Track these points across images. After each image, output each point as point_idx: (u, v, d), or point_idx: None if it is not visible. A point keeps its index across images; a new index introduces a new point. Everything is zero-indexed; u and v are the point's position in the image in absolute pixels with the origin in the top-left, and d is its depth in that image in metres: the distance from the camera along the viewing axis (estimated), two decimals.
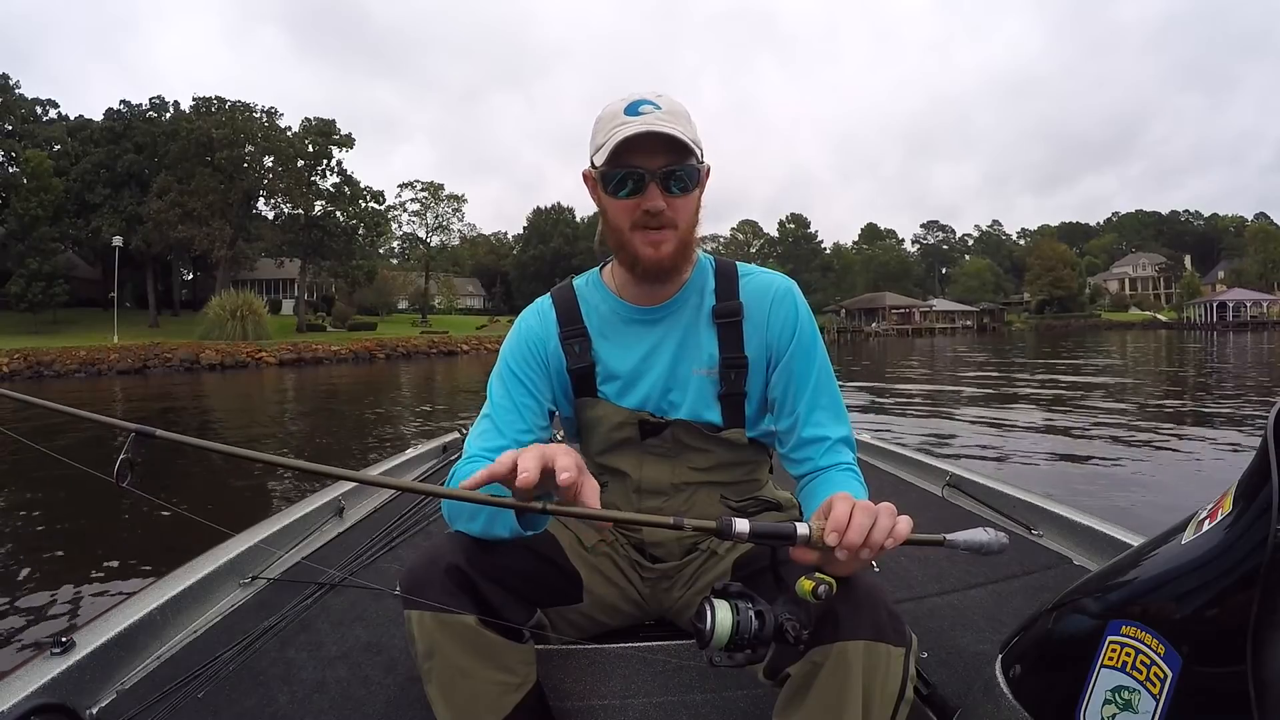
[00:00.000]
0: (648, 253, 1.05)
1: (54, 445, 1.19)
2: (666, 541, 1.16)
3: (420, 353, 31.73)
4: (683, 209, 1.05)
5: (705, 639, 0.74)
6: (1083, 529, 1.83)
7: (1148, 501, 4.67)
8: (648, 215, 1.02)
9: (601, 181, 1.05)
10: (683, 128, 1.01)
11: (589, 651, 1.35)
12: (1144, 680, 0.71)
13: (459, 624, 0.89)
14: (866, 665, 0.82)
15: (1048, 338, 43.64)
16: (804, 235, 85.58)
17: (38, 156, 34.64)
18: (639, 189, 1.02)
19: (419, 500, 2.38)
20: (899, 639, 0.85)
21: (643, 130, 0.98)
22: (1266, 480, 0.64)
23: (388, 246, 61.66)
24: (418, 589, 0.90)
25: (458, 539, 0.97)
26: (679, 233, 1.05)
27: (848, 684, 0.81)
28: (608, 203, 1.06)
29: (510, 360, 1.14)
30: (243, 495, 5.48)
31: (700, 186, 1.08)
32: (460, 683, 0.91)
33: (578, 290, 1.20)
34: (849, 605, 0.84)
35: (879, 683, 0.82)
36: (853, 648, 0.82)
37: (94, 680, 1.26)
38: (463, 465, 1.04)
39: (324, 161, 40.77)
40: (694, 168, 1.03)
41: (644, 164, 1.01)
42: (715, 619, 0.74)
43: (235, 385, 17.14)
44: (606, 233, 1.10)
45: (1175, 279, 77.54)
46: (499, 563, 0.95)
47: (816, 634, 0.82)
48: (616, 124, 1.01)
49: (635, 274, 1.09)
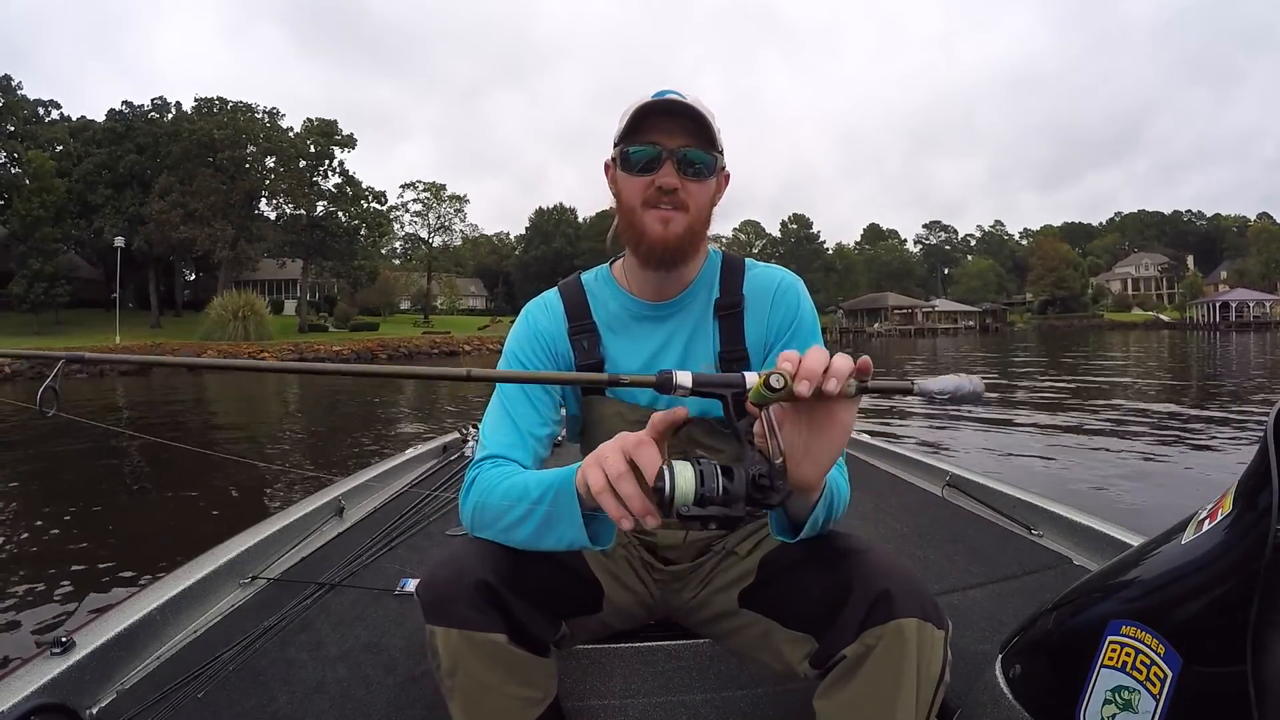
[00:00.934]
0: (655, 230, 1.03)
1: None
2: (680, 544, 1.15)
3: (422, 353, 31.77)
4: (696, 194, 1.03)
5: (666, 499, 0.68)
6: (1083, 529, 1.83)
7: (1148, 501, 4.66)
8: (660, 192, 1.01)
9: (619, 160, 1.04)
10: (706, 114, 1.01)
11: (589, 651, 1.35)
12: (1144, 680, 0.71)
13: (487, 641, 0.87)
14: (919, 643, 0.82)
15: (1050, 338, 43.58)
16: (806, 235, 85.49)
17: (40, 157, 34.73)
18: (654, 165, 1.01)
19: (419, 500, 2.39)
20: (940, 622, 0.85)
21: (664, 102, 0.99)
22: (1266, 480, 0.64)
23: (390, 247, 61.78)
24: (443, 604, 0.87)
25: (483, 550, 0.92)
26: (689, 216, 1.04)
27: (904, 661, 0.81)
28: (623, 182, 1.05)
29: (519, 353, 1.12)
30: (243, 495, 5.48)
31: (718, 180, 1.07)
32: (484, 698, 0.89)
33: (586, 285, 1.17)
34: (899, 586, 0.84)
35: (926, 663, 0.82)
36: (908, 625, 0.81)
37: (94, 680, 1.26)
38: (490, 469, 0.99)
39: (326, 162, 40.90)
40: (712, 156, 1.03)
41: (662, 141, 1.00)
42: (674, 475, 0.69)
43: (237, 385, 17.15)
44: (619, 215, 1.08)
45: (1178, 279, 77.54)
46: (526, 576, 0.92)
47: (869, 616, 0.83)
48: (641, 101, 1.01)
49: (640, 255, 1.07)
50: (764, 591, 1.03)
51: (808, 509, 0.86)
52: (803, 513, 0.87)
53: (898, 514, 2.25)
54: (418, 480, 2.73)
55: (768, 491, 0.70)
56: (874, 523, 2.19)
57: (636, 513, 0.73)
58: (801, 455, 0.78)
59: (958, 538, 1.99)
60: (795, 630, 0.95)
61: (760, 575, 1.05)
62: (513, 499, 0.89)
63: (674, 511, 0.68)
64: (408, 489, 2.60)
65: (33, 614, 3.13)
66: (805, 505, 0.86)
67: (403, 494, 2.54)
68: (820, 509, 0.87)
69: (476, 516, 0.95)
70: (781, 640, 0.97)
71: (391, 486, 2.64)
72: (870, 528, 2.14)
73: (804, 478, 0.79)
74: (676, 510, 0.68)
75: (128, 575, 3.58)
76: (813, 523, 0.87)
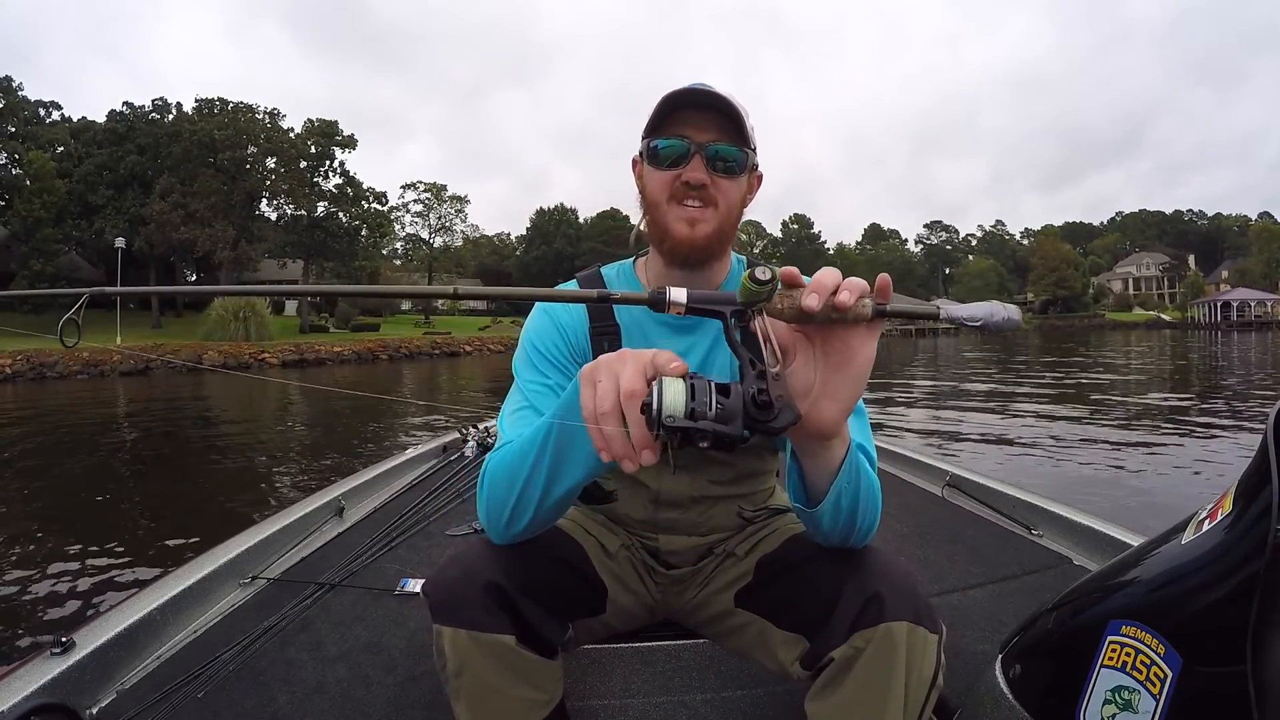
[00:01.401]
0: (680, 229, 0.98)
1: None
2: (683, 549, 1.14)
3: (423, 354, 31.73)
4: (727, 191, 0.99)
5: (654, 412, 0.62)
6: (1083, 529, 1.83)
7: (1148, 501, 4.66)
8: (687, 188, 0.97)
9: (646, 155, 1.00)
10: (740, 111, 0.97)
11: (589, 651, 1.35)
12: (1144, 680, 0.71)
13: (496, 643, 0.86)
14: (909, 647, 0.81)
15: (1052, 338, 43.53)
16: (807, 236, 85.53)
17: (40, 158, 34.72)
18: (682, 159, 0.97)
19: (419, 500, 2.39)
20: (934, 626, 0.83)
21: (694, 92, 0.95)
22: (1266, 480, 0.64)
23: (391, 247, 61.71)
24: (452, 604, 0.86)
25: (492, 550, 0.91)
26: (719, 214, 0.99)
27: (894, 664, 0.80)
28: (649, 176, 1.00)
29: (537, 342, 1.06)
30: (243, 495, 5.49)
31: (749, 178, 1.03)
32: (491, 700, 0.88)
33: (608, 280, 1.13)
34: (892, 588, 0.82)
35: (918, 667, 0.81)
36: (898, 628, 0.80)
37: (94, 680, 1.26)
38: (497, 452, 0.94)
39: (327, 162, 40.85)
40: (744, 153, 0.98)
41: (691, 135, 0.97)
42: (662, 388, 0.63)
43: (238, 386, 17.15)
44: (645, 211, 1.05)
45: (1179, 279, 77.51)
46: (535, 577, 0.91)
47: (859, 619, 0.81)
48: (669, 94, 0.97)
49: (665, 252, 1.03)
50: (760, 591, 1.03)
51: (830, 472, 0.79)
52: (824, 478, 0.80)
53: (898, 514, 2.25)
54: (418, 480, 2.72)
55: (768, 410, 0.64)
56: None
57: (617, 456, 0.67)
58: (819, 392, 0.72)
59: (958, 538, 1.99)
60: (787, 631, 0.95)
61: (757, 575, 1.04)
62: (518, 456, 0.85)
63: (660, 426, 0.62)
64: (408, 489, 2.60)
65: (33, 614, 3.13)
66: (828, 466, 0.79)
67: (403, 494, 2.54)
68: (844, 478, 0.79)
69: (490, 500, 0.89)
70: (775, 641, 0.97)
71: (391, 486, 2.64)
72: None
73: (822, 419, 0.72)
74: (662, 422, 0.62)
75: (128, 575, 3.58)
76: (834, 497, 0.80)
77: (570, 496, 0.87)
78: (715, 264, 1.06)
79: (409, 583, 1.73)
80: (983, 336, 50.57)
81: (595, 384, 0.68)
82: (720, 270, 1.09)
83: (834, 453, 0.78)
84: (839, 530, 0.85)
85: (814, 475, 0.81)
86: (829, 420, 0.73)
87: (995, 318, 0.67)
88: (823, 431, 0.74)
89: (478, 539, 0.95)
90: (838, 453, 0.78)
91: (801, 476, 0.84)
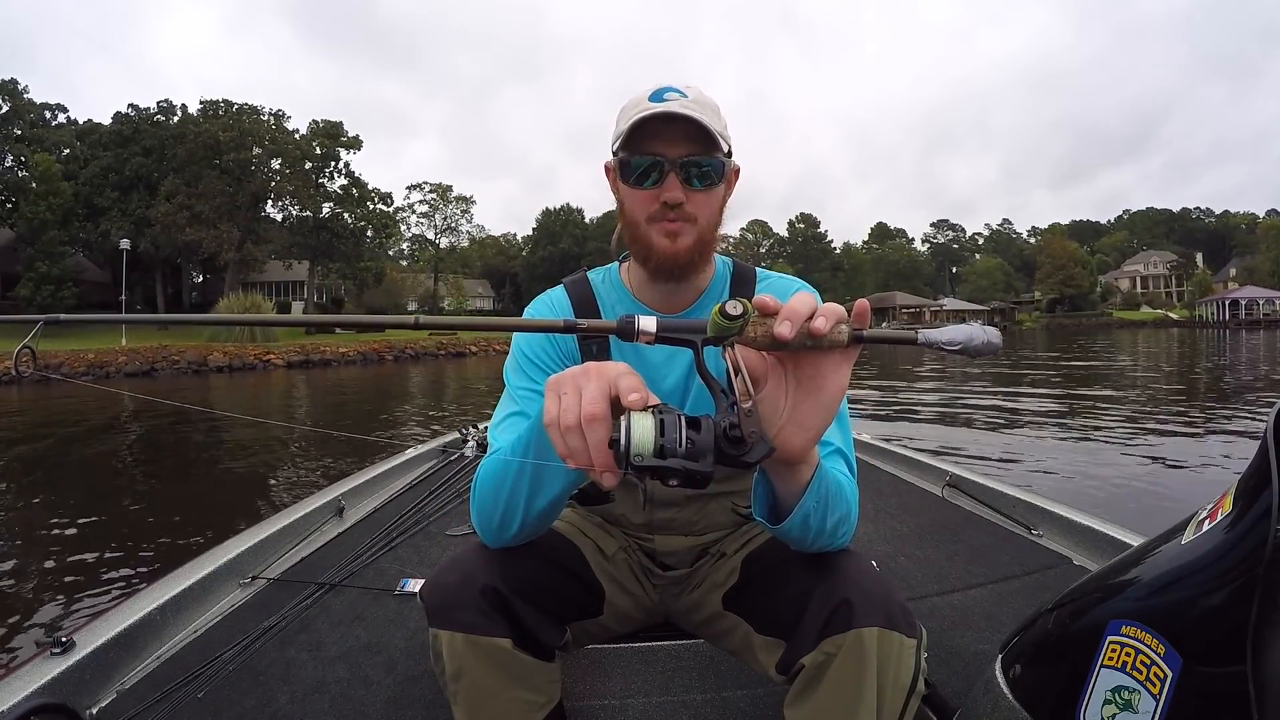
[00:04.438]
0: (662, 244, 0.98)
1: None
2: (679, 550, 1.14)
3: (429, 354, 31.82)
4: (704, 204, 0.99)
5: (621, 449, 0.60)
6: (1083, 529, 1.82)
7: (1148, 502, 4.64)
8: (665, 208, 0.96)
9: (619, 170, 0.99)
10: (709, 118, 0.94)
11: (589, 652, 1.34)
12: (1144, 680, 0.70)
13: (493, 646, 0.86)
14: (881, 653, 0.79)
15: (1059, 337, 43.38)
16: (814, 235, 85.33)
17: (46, 160, 34.94)
18: (658, 179, 0.96)
19: (419, 500, 2.39)
20: (910, 630, 0.82)
21: (662, 112, 0.93)
22: (1266, 480, 0.64)
23: (396, 248, 62.07)
24: (448, 608, 0.86)
25: (488, 553, 0.91)
26: (698, 229, 0.99)
27: (863, 671, 0.79)
28: (625, 193, 1.00)
29: (527, 349, 1.06)
30: (243, 495, 5.50)
31: (726, 184, 1.02)
32: (488, 703, 0.88)
33: (595, 286, 1.13)
34: (861, 594, 0.81)
35: (892, 672, 0.80)
36: (868, 634, 0.79)
37: (94, 680, 1.26)
38: (487, 460, 0.94)
39: (332, 163, 41.05)
40: (718, 161, 0.97)
41: (664, 152, 0.95)
42: (630, 424, 0.61)
43: (243, 387, 17.22)
44: (622, 225, 1.04)
45: (1187, 277, 77.04)
46: (531, 580, 0.92)
47: (828, 625, 0.80)
48: (639, 109, 0.95)
49: (648, 269, 1.03)
50: (744, 593, 1.02)
51: (796, 493, 0.78)
52: (790, 498, 0.79)
53: (898, 514, 2.24)
54: (418, 480, 2.73)
55: (740, 445, 0.62)
56: (874, 523, 2.18)
57: (582, 466, 0.65)
58: (787, 419, 0.71)
59: (958, 538, 1.99)
60: (767, 635, 0.94)
61: (743, 574, 1.04)
62: (502, 466, 0.86)
63: (628, 464, 0.60)
64: (408, 489, 2.61)
65: (33, 614, 3.14)
66: (794, 488, 0.78)
67: (403, 494, 2.55)
68: (811, 498, 0.79)
69: (480, 509, 0.91)
70: (757, 645, 0.96)
71: (391, 486, 2.65)
72: (870, 528, 2.14)
73: (790, 446, 0.71)
74: (631, 462, 0.60)
75: (128, 575, 3.59)
76: (801, 516, 0.79)
77: (556, 505, 0.87)
78: (698, 273, 1.06)
79: (409, 583, 1.73)
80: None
81: (560, 396, 0.67)
82: (704, 278, 1.09)
83: (801, 475, 0.78)
84: (809, 543, 0.85)
85: (780, 493, 0.81)
86: (796, 448, 0.72)
87: (975, 342, 0.65)
88: (789, 459, 0.74)
89: (475, 542, 0.96)
90: (804, 475, 0.78)
91: (767, 493, 0.83)
